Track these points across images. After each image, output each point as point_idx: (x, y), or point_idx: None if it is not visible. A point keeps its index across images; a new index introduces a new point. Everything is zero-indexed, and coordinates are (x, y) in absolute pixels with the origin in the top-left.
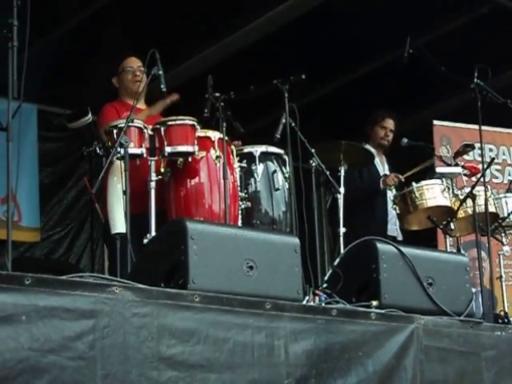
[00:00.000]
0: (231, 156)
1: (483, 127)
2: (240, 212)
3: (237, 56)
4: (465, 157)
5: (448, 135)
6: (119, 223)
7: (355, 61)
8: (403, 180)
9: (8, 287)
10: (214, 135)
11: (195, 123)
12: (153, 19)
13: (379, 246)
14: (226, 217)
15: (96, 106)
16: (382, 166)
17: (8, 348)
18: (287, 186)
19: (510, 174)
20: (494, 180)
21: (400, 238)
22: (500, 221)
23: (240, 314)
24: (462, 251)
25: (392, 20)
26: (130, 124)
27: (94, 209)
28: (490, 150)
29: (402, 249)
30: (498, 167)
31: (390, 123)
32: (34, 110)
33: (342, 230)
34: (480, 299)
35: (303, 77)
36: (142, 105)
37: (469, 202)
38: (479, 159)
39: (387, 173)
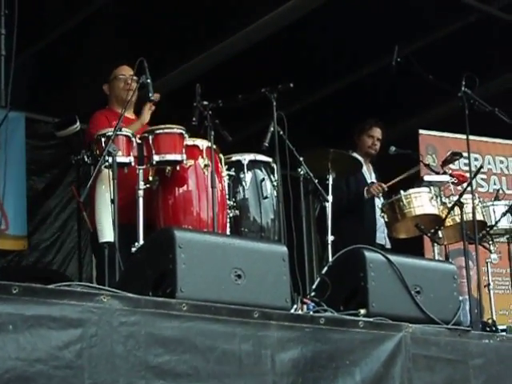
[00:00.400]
0: (219, 164)
1: (469, 136)
2: (228, 220)
3: (225, 64)
4: (450, 166)
5: (434, 144)
6: (107, 232)
7: (343, 69)
8: (386, 189)
9: None
10: (203, 144)
11: (183, 132)
12: (141, 28)
13: (367, 254)
14: (214, 225)
15: (84, 114)
16: (369, 175)
17: None
18: (275, 194)
19: (495, 183)
20: (480, 189)
21: (388, 246)
22: (488, 229)
23: (228, 323)
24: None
25: (380, 29)
26: (118, 133)
27: (81, 217)
28: (476, 159)
29: (390, 257)
30: (484, 176)
31: (377, 132)
32: (22, 119)
33: (331, 238)
34: (467, 307)
35: (291, 85)
36: (130, 114)
37: (456, 210)
38: (465, 168)
39: (374, 181)
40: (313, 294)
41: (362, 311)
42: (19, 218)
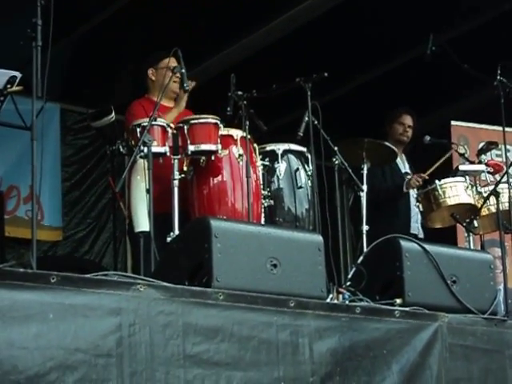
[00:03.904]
0: (254, 154)
1: (501, 128)
2: (263, 210)
3: (259, 54)
4: (482, 156)
5: (465, 135)
6: (143, 222)
7: (377, 59)
8: (427, 177)
9: (34, 285)
10: (237, 134)
11: (218, 122)
12: (176, 17)
13: (403, 243)
14: (249, 215)
15: (119, 105)
16: (402, 165)
17: (37, 346)
18: (310, 184)
19: None
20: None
21: (421, 235)
22: None
23: (264, 312)
24: None
25: (414, 18)
26: (154, 123)
27: (117, 207)
28: (508, 150)
29: (426, 246)
30: None
31: (408, 119)
32: (57, 109)
33: (365, 227)
34: (501, 297)
35: (325, 75)
36: (171, 103)
37: (492, 199)
38: (497, 159)
39: (408, 171)
40: (348, 283)
41: (398, 301)
42: (54, 209)
